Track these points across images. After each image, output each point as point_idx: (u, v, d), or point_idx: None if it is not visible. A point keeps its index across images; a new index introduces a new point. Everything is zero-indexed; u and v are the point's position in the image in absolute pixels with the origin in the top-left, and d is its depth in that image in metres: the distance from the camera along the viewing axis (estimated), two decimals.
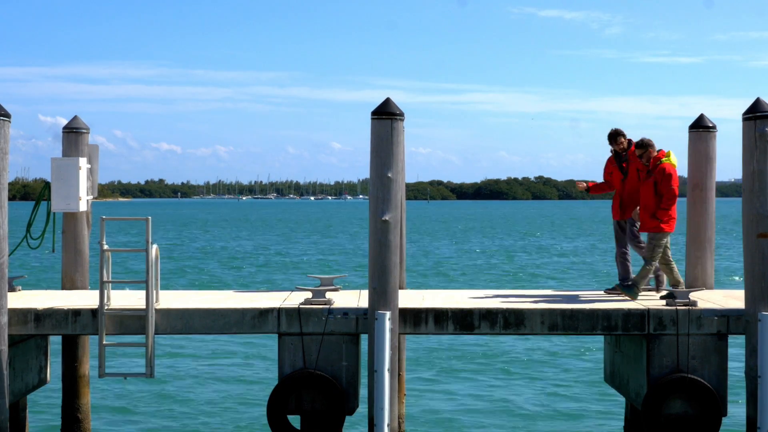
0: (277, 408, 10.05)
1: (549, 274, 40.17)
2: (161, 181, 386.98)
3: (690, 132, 12.12)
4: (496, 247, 61.01)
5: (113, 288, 10.44)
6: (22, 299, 10.91)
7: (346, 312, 10.11)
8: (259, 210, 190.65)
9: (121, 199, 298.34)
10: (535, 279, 37.37)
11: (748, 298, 10.00)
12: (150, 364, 10.00)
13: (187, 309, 10.24)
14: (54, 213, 12.32)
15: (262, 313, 10.15)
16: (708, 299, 10.88)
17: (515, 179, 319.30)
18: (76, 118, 12.39)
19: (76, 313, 10.16)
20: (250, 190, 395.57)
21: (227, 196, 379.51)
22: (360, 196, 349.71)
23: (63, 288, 12.23)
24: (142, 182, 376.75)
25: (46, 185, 12.30)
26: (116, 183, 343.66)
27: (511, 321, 10.23)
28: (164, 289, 11.36)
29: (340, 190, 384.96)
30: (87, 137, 12.36)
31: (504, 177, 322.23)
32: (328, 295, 10.53)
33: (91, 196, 12.40)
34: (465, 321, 10.21)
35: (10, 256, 10.11)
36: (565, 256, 52.29)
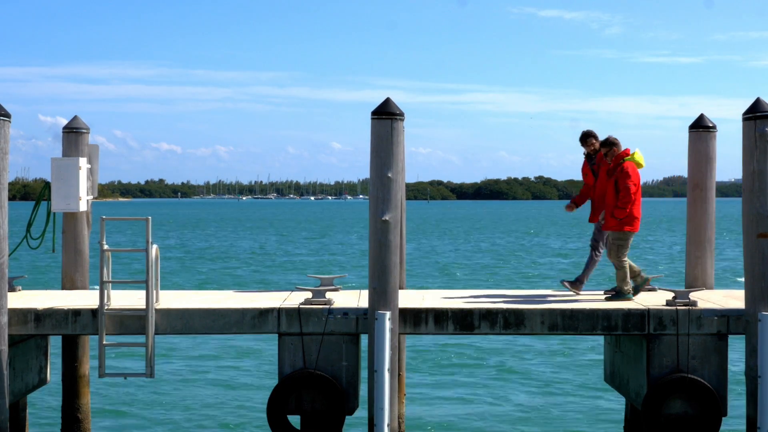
0: (277, 408, 10.05)
1: (549, 274, 40.16)
2: (161, 181, 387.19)
3: (690, 132, 12.12)
4: (496, 246, 61.01)
5: (113, 288, 10.44)
6: (22, 299, 10.91)
7: (346, 312, 10.11)
8: (260, 210, 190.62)
9: (121, 199, 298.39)
10: (535, 279, 37.36)
11: (748, 298, 10.00)
12: (150, 364, 10.00)
13: (187, 309, 10.24)
14: (54, 213, 12.32)
15: (262, 313, 10.15)
16: (708, 299, 10.88)
17: (515, 179, 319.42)
18: (76, 118, 12.39)
19: (76, 313, 10.16)
20: (250, 190, 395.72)
21: (227, 196, 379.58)
22: (360, 196, 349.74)
23: (63, 288, 12.23)
24: (142, 182, 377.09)
25: (46, 185, 12.30)
26: (116, 183, 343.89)
27: (511, 321, 10.23)
28: (165, 289, 11.37)
29: (340, 190, 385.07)
30: (87, 137, 12.36)
31: (504, 177, 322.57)
32: (328, 295, 10.53)
33: (91, 196, 12.40)
34: (465, 321, 10.21)
35: (10, 256, 10.11)
36: (565, 256, 52.27)
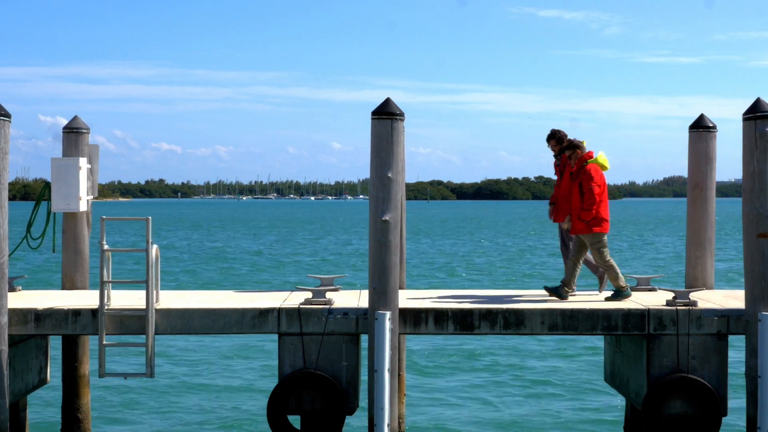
0: (277, 408, 10.05)
1: (549, 274, 40.14)
2: (161, 181, 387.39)
3: (690, 132, 12.13)
4: (496, 246, 61.00)
5: (113, 288, 10.44)
6: (22, 299, 10.91)
7: (346, 312, 10.11)
8: (260, 210, 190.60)
9: (121, 199, 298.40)
10: (535, 279, 37.35)
11: (748, 298, 10.00)
12: (150, 364, 10.00)
13: (187, 309, 10.24)
14: (54, 213, 12.32)
15: (262, 313, 10.15)
16: (708, 299, 10.88)
17: (515, 179, 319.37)
18: (76, 118, 12.39)
19: (76, 313, 10.16)
20: (250, 190, 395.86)
21: (227, 196, 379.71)
22: (360, 196, 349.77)
23: (63, 288, 12.23)
24: (142, 182, 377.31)
25: (46, 185, 12.30)
26: (116, 183, 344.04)
27: (511, 321, 10.23)
28: (165, 289, 11.37)
29: (340, 190, 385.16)
30: (87, 137, 12.36)
31: (504, 177, 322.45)
32: (328, 295, 10.53)
33: (91, 196, 12.40)
34: (465, 321, 10.21)
35: (10, 256, 10.11)
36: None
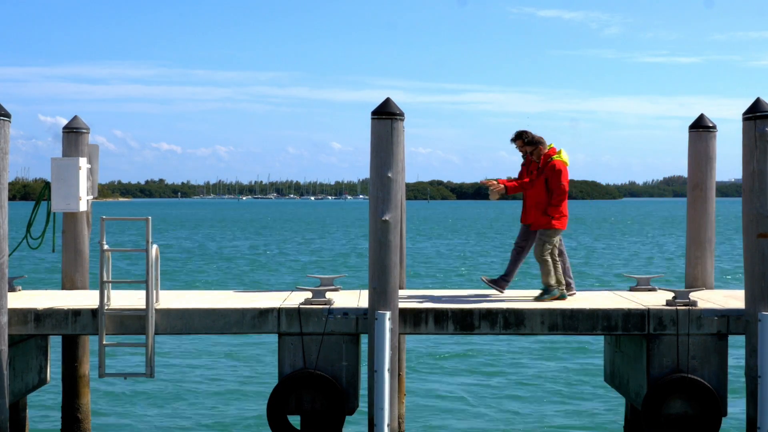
0: (277, 408, 10.05)
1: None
2: (161, 181, 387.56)
3: (690, 132, 12.13)
4: (496, 246, 61.00)
5: (113, 288, 10.44)
6: (22, 299, 10.91)
7: (346, 312, 10.11)
8: (260, 210, 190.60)
9: (121, 199, 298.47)
10: (534, 279, 37.33)
11: (748, 298, 10.00)
12: (150, 364, 10.00)
13: (187, 309, 10.24)
14: (54, 213, 12.32)
15: (262, 313, 10.14)
16: (708, 299, 10.88)
17: (515, 179, 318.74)
18: (76, 118, 12.39)
19: (76, 313, 10.16)
20: (250, 190, 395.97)
21: (227, 196, 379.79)
22: (360, 196, 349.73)
23: (63, 288, 12.23)
24: (142, 182, 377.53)
25: (46, 185, 12.30)
26: (116, 183, 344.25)
27: (511, 321, 10.23)
28: (164, 289, 11.37)
29: (340, 190, 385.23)
30: (87, 137, 12.36)
31: (504, 177, 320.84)
32: (328, 295, 10.53)
33: (91, 196, 12.40)
34: (465, 321, 10.21)
35: (10, 256, 10.11)
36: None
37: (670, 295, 10.48)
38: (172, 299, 10.93)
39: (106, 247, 10.05)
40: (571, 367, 18.91)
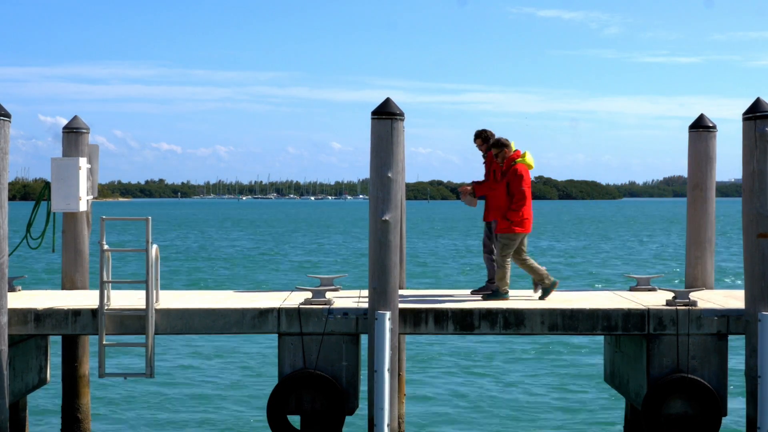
0: (277, 408, 10.05)
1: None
2: (161, 181, 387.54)
3: (690, 132, 12.13)
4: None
5: (113, 288, 10.43)
6: (22, 299, 10.91)
7: (346, 312, 10.11)
8: (260, 210, 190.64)
9: (121, 199, 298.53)
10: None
11: (748, 298, 10.00)
12: (150, 364, 10.00)
13: (187, 309, 10.24)
14: (54, 213, 12.32)
15: (262, 313, 10.14)
16: (708, 299, 10.88)
17: None
18: (76, 118, 12.39)
19: (76, 313, 10.16)
20: (250, 190, 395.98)
21: (227, 196, 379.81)
22: (360, 196, 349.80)
23: (63, 288, 12.24)
24: (142, 182, 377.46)
25: (46, 185, 12.30)
26: (116, 183, 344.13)
27: (511, 321, 10.23)
28: (164, 289, 11.37)
29: (340, 190, 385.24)
30: (87, 137, 12.36)
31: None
32: (328, 295, 10.53)
33: (91, 196, 12.40)
34: (465, 321, 10.21)
35: (10, 256, 10.11)
36: (563, 255, 52.28)
37: (670, 295, 10.48)
38: (172, 299, 10.93)
39: (106, 247, 10.05)
40: (571, 367, 18.91)
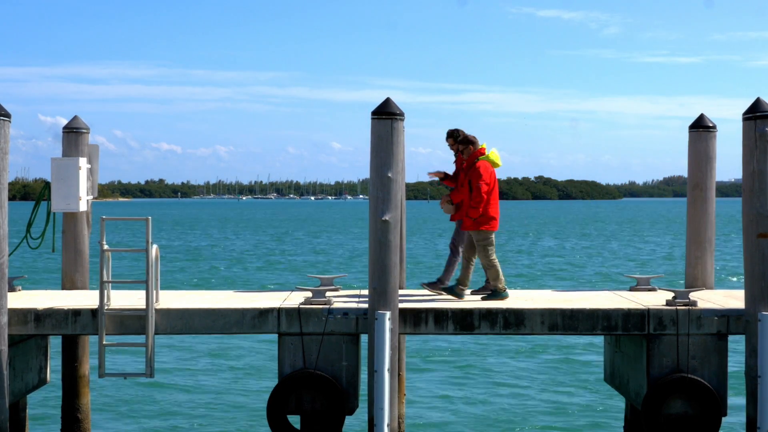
0: (276, 408, 10.05)
1: (548, 273, 40.16)
2: (161, 181, 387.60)
3: (690, 132, 12.13)
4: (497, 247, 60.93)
5: (113, 288, 10.43)
6: (22, 299, 10.91)
7: (346, 312, 10.10)
8: (260, 210, 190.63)
9: (121, 199, 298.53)
10: (534, 279, 37.35)
11: (748, 298, 10.00)
12: (150, 364, 10.00)
13: (187, 309, 10.24)
14: (54, 213, 12.31)
15: (262, 313, 10.14)
16: (708, 299, 10.88)
17: (515, 179, 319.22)
18: (76, 118, 12.39)
19: (76, 313, 10.16)
20: (250, 190, 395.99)
21: (227, 196, 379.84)
22: (360, 196, 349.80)
23: (63, 288, 12.23)
24: (142, 182, 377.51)
25: (46, 185, 12.29)
26: (116, 183, 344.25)
27: (511, 321, 10.23)
28: (165, 288, 11.37)
29: (340, 190, 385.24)
30: (87, 137, 12.36)
31: (504, 177, 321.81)
32: (328, 295, 10.53)
33: (91, 196, 12.40)
34: (465, 321, 10.21)
35: (10, 256, 10.11)
36: (562, 255, 52.29)
37: (670, 295, 10.48)
38: (172, 299, 10.93)
39: (106, 247, 10.05)
40: (570, 367, 18.91)
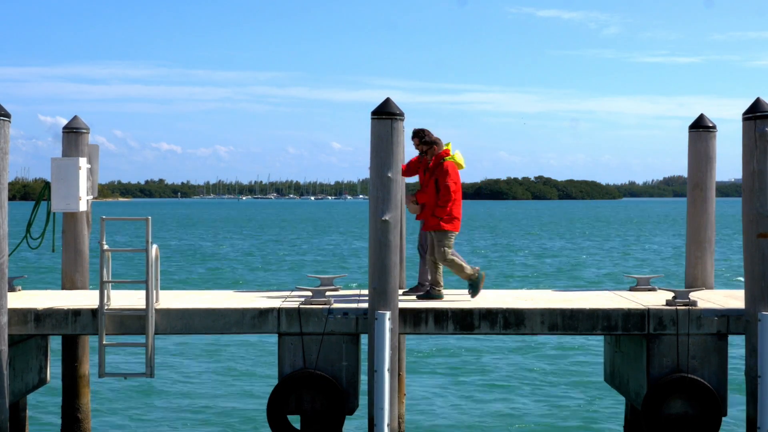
0: (276, 408, 10.05)
1: (548, 273, 40.16)
2: (161, 181, 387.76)
3: (690, 132, 12.13)
4: (494, 246, 61.00)
5: (113, 288, 10.43)
6: (22, 299, 10.91)
7: (346, 312, 10.11)
8: (260, 210, 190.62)
9: (121, 199, 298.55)
10: (534, 279, 37.36)
11: (748, 298, 10.00)
12: (150, 364, 10.00)
13: (187, 309, 10.24)
14: (54, 213, 12.31)
15: (262, 313, 10.14)
16: (708, 299, 10.88)
17: (515, 179, 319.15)
18: (76, 118, 12.39)
19: (76, 313, 10.16)
20: (250, 190, 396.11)
21: (227, 196, 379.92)
22: (360, 196, 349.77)
23: (63, 288, 12.23)
24: (142, 182, 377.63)
25: (46, 185, 12.29)
26: (116, 183, 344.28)
27: (511, 321, 10.23)
28: (165, 289, 11.37)
29: (340, 190, 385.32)
30: (87, 137, 12.36)
31: (504, 177, 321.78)
32: (328, 294, 10.53)
33: (91, 196, 12.40)
34: (465, 321, 10.21)
35: (10, 256, 10.11)
36: (562, 256, 52.28)
37: (670, 295, 10.48)
38: (172, 299, 10.93)
39: (106, 247, 10.05)
40: (570, 367, 18.91)
